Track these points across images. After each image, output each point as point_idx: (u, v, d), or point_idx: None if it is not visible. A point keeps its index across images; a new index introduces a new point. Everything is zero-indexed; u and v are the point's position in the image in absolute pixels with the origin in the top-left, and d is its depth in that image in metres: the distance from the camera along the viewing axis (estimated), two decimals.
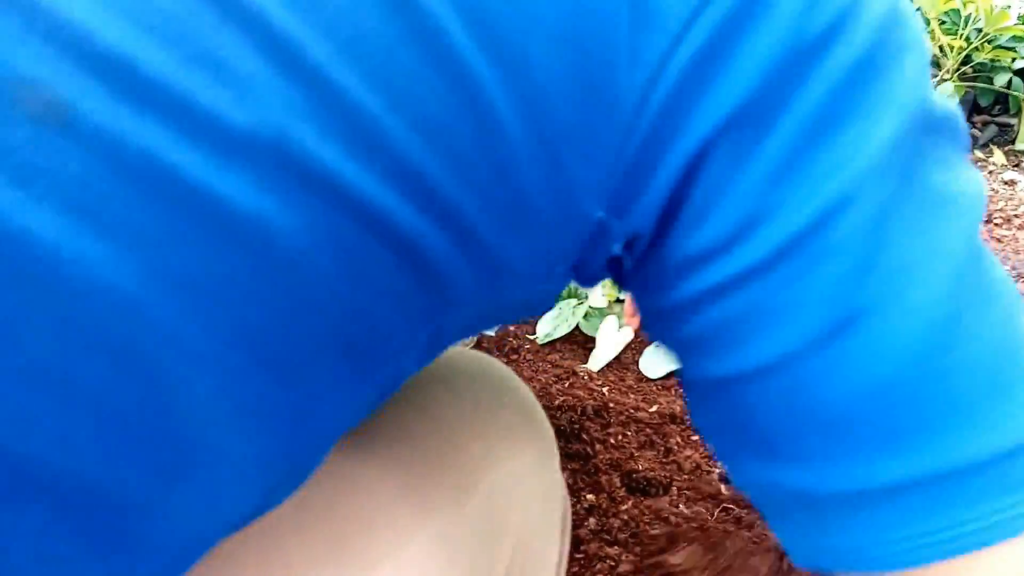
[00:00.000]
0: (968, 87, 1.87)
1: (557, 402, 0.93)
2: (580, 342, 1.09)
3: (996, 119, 2.00)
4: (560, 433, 0.89)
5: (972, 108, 1.97)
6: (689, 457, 0.87)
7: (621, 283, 0.31)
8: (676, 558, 0.73)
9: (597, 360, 1.04)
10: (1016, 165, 1.84)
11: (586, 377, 1.00)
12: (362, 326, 0.25)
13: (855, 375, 0.25)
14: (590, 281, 0.32)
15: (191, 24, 0.20)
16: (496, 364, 0.50)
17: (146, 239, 0.20)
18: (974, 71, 1.88)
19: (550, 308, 0.33)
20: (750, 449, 0.29)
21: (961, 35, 1.77)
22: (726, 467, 0.31)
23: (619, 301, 1.12)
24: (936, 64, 1.84)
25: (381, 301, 0.25)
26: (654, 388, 1.00)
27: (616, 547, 0.74)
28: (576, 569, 0.72)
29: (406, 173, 0.23)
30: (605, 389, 0.98)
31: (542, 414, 0.49)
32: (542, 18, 0.23)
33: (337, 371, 0.26)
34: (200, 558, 0.27)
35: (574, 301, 1.11)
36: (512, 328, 1.09)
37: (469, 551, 0.37)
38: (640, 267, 0.29)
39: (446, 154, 0.23)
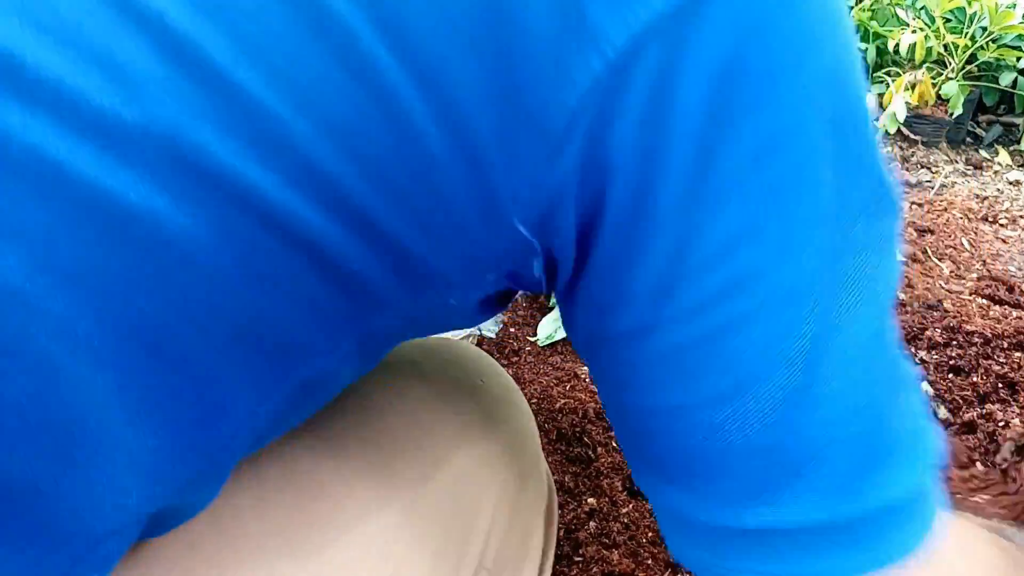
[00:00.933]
0: (973, 86, 1.86)
1: (558, 405, 0.93)
2: None
3: (1001, 119, 1.99)
4: (561, 436, 0.89)
5: (977, 107, 1.96)
6: None
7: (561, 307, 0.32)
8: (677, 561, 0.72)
9: None
10: (1021, 165, 1.83)
11: (587, 379, 1.00)
12: (269, 327, 0.25)
13: (735, 436, 0.27)
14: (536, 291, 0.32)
15: (86, 25, 0.20)
16: (471, 348, 0.49)
17: (30, 232, 0.20)
18: (979, 70, 1.87)
19: (494, 314, 0.33)
20: (642, 461, 0.32)
21: (966, 34, 1.76)
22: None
23: None
24: (941, 63, 1.83)
25: (289, 303, 0.25)
26: None
27: (615, 550, 0.74)
28: (575, 572, 0.72)
29: (313, 175, 0.23)
30: None
31: (520, 397, 0.49)
32: (458, 25, 0.22)
33: (245, 370, 0.25)
34: (126, 548, 0.27)
35: None
36: (513, 330, 1.09)
37: (438, 530, 0.37)
38: (568, 297, 0.30)
39: (358, 157, 0.23)
